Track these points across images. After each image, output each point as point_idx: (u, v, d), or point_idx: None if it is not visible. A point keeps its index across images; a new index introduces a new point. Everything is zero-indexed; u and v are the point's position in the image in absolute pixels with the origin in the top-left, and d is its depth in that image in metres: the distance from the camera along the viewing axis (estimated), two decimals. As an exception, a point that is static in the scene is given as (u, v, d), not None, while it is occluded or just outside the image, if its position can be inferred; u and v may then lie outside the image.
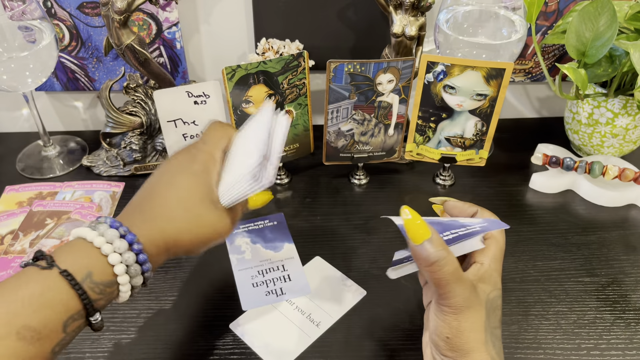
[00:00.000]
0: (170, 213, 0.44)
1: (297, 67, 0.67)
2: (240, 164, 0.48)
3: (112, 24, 0.66)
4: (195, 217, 0.45)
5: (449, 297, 0.41)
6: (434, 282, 0.41)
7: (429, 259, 0.40)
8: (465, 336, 0.42)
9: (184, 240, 0.44)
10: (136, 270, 0.41)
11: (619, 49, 0.70)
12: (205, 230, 0.45)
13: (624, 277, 0.63)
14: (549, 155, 0.74)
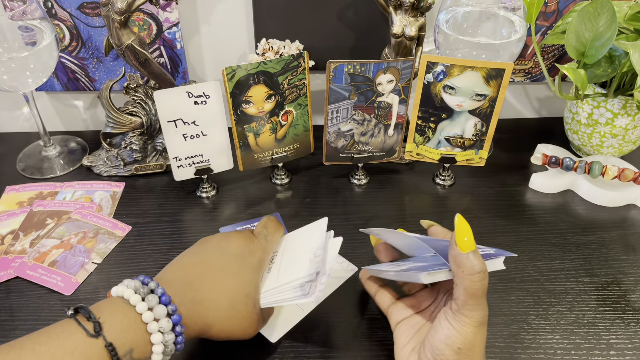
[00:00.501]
0: (217, 301, 0.46)
1: (297, 67, 0.67)
2: (289, 272, 0.49)
3: (112, 24, 0.66)
4: (236, 311, 0.46)
5: (476, 310, 0.43)
6: (467, 291, 0.42)
7: (474, 269, 0.42)
8: (475, 350, 0.43)
9: (216, 329, 0.46)
10: (172, 350, 0.42)
11: (619, 49, 0.70)
12: (237, 326, 0.47)
13: (624, 277, 0.63)
14: (549, 156, 0.74)
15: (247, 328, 0.48)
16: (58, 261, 0.64)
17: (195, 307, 0.44)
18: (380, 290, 0.55)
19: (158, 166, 0.77)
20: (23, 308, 0.60)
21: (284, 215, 0.71)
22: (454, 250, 0.43)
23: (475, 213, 0.72)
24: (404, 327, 0.50)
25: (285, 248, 0.53)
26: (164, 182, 0.77)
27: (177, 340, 0.42)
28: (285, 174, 0.77)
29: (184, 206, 0.73)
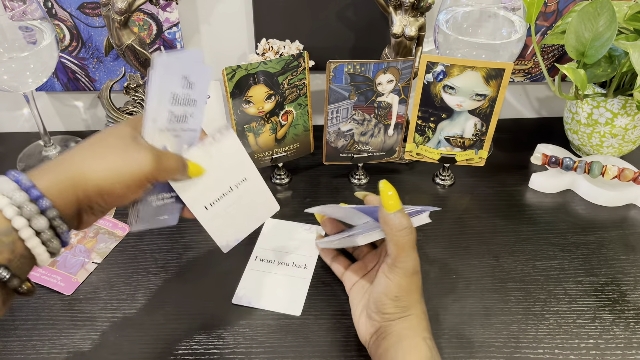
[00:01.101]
0: (75, 155, 0.40)
1: (297, 67, 0.67)
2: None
3: (112, 25, 0.66)
4: (103, 149, 0.40)
5: (406, 261, 0.48)
6: (397, 246, 0.48)
7: (401, 225, 0.48)
8: (412, 296, 0.50)
9: (92, 174, 0.39)
10: (31, 210, 0.36)
11: (618, 49, 0.70)
12: (115, 161, 0.40)
13: (623, 277, 0.63)
14: (549, 155, 0.74)
15: (135, 160, 0.41)
16: (58, 261, 0.64)
17: (50, 173, 0.38)
18: (334, 260, 0.61)
19: (158, 166, 0.77)
20: (23, 308, 0.60)
21: (284, 215, 0.71)
22: (382, 212, 0.49)
23: (475, 213, 0.72)
24: (356, 290, 0.56)
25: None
26: (164, 182, 0.76)
27: (32, 195, 0.36)
28: (285, 174, 0.77)
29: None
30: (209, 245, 0.67)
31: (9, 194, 0.36)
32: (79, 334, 0.57)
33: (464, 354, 0.55)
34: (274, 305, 0.60)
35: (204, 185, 0.50)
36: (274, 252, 0.66)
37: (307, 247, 0.66)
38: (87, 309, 0.59)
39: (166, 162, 0.43)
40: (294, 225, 0.69)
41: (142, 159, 0.41)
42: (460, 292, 0.61)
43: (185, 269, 0.64)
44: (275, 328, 0.58)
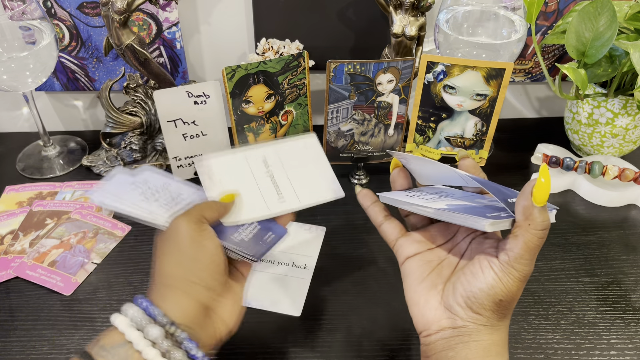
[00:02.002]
0: (172, 271, 0.43)
1: (297, 67, 0.67)
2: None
3: (112, 24, 0.66)
4: (190, 253, 0.44)
5: (528, 265, 0.40)
6: (528, 246, 0.40)
7: (544, 224, 0.39)
8: (513, 304, 0.42)
9: (195, 282, 0.43)
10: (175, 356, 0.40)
11: (619, 49, 0.70)
12: (202, 261, 0.44)
13: (624, 277, 0.63)
14: (549, 155, 0.74)
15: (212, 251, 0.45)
16: (58, 261, 0.64)
17: (169, 296, 0.42)
18: (386, 221, 0.49)
19: (158, 166, 0.77)
20: (23, 308, 0.60)
21: (284, 215, 0.71)
22: (526, 201, 0.40)
23: (475, 213, 0.72)
24: (418, 262, 0.46)
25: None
26: (164, 182, 0.76)
27: (179, 337, 0.40)
28: (285, 174, 0.77)
29: (184, 206, 0.73)
30: (208, 246, 0.67)
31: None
32: (79, 334, 0.57)
33: (465, 355, 0.55)
34: (273, 305, 0.60)
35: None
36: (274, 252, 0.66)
37: (307, 247, 0.66)
38: (86, 309, 0.59)
39: (212, 216, 0.47)
40: (294, 225, 0.69)
41: (210, 243, 0.45)
42: (460, 293, 0.61)
43: (185, 269, 0.64)
44: (275, 328, 0.57)
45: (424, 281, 0.45)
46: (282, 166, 0.55)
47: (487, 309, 0.41)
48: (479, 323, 0.41)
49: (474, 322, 0.41)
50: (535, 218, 0.39)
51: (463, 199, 0.46)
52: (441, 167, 0.47)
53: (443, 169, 0.47)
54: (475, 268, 0.42)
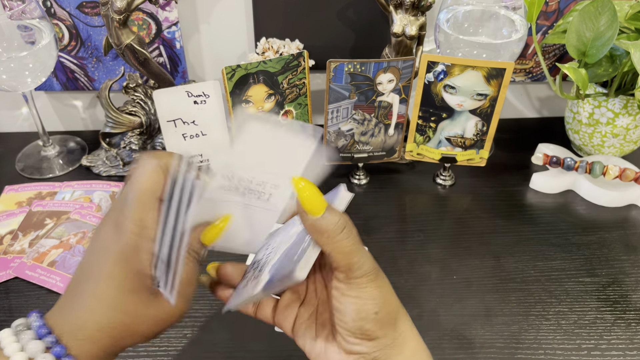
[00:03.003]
0: (94, 317, 0.34)
1: (297, 66, 0.67)
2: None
3: (111, 24, 0.66)
4: (129, 316, 0.35)
5: (361, 266, 0.36)
6: (344, 253, 0.35)
7: (338, 227, 0.35)
8: (391, 302, 0.38)
9: (126, 342, 0.36)
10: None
11: (620, 49, 0.70)
12: (147, 326, 0.36)
13: (625, 277, 0.63)
14: (550, 155, 0.74)
15: (165, 318, 0.37)
16: (57, 261, 0.64)
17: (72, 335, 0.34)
18: (257, 306, 0.44)
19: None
20: (22, 308, 0.59)
21: (284, 215, 0.71)
22: (309, 219, 0.35)
23: (475, 213, 0.72)
24: (301, 325, 0.41)
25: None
26: (164, 182, 0.76)
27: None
28: (285, 174, 0.77)
29: (184, 206, 0.72)
30: (208, 246, 0.67)
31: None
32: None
33: (465, 355, 0.55)
34: None
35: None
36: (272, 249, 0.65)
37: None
38: (86, 310, 0.59)
39: (190, 295, 0.38)
40: None
41: (176, 315, 0.38)
42: (461, 293, 0.61)
43: (185, 269, 0.64)
44: (275, 329, 0.57)
45: (317, 339, 0.40)
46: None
47: (377, 329, 0.37)
48: (384, 345, 0.37)
49: (380, 348, 0.37)
50: (324, 227, 0.35)
51: (280, 248, 0.40)
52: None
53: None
54: (335, 305, 0.37)
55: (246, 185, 0.38)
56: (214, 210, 0.39)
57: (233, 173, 0.38)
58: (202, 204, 0.37)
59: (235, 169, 0.38)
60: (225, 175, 0.38)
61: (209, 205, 0.38)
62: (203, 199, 0.37)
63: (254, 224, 0.40)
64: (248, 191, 0.38)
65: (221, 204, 0.39)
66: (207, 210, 0.39)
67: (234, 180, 0.38)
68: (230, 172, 0.38)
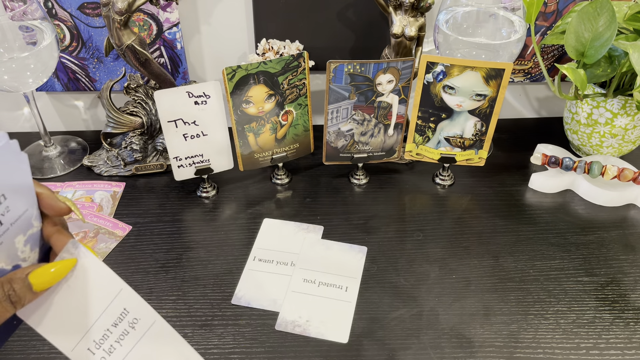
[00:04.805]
0: None
1: (297, 67, 0.67)
2: None
3: (112, 25, 0.66)
4: None
5: None
6: None
7: None
8: None
9: None
10: None
11: (618, 50, 0.70)
12: None
13: (623, 277, 0.63)
14: (548, 155, 0.74)
15: None
16: (58, 261, 0.64)
17: None
18: None
19: (158, 166, 0.78)
20: (24, 308, 0.60)
21: (284, 215, 0.71)
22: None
23: (475, 213, 0.72)
24: None
25: None
26: (165, 182, 0.77)
27: None
28: (285, 174, 0.77)
29: (184, 206, 0.73)
30: (208, 246, 0.67)
31: None
32: (79, 334, 0.57)
33: (464, 354, 0.55)
34: (273, 305, 0.60)
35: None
36: (272, 252, 0.66)
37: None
38: (87, 309, 0.59)
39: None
40: (293, 225, 0.69)
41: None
42: (460, 292, 0.61)
43: (185, 269, 0.64)
44: (275, 328, 0.58)
45: None
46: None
47: None
48: None
49: None
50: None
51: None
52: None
53: None
54: None
55: (111, 340, 0.37)
56: None
57: (88, 343, 0.37)
58: None
59: (84, 341, 0.37)
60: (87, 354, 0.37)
61: None
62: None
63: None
64: (120, 338, 0.37)
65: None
66: None
67: (99, 348, 0.37)
68: (87, 346, 0.37)
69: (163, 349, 0.38)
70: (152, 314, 0.38)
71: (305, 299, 0.60)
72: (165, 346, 0.38)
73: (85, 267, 0.36)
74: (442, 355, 0.55)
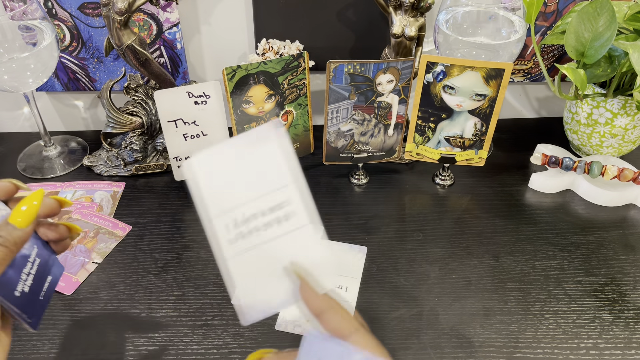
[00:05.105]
0: None
1: (297, 67, 0.67)
2: None
3: (112, 25, 0.66)
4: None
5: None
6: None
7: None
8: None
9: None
10: None
11: (618, 50, 0.70)
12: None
13: (623, 277, 0.63)
14: (548, 155, 0.74)
15: None
16: (58, 261, 0.64)
17: None
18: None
19: (158, 166, 0.78)
20: (24, 308, 0.60)
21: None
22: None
23: (475, 213, 0.72)
24: None
25: None
26: (165, 182, 0.77)
27: None
28: (286, 174, 0.77)
29: (185, 206, 0.73)
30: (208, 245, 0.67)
31: None
32: (80, 334, 0.57)
33: (464, 354, 0.55)
34: None
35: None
36: None
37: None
38: (87, 309, 0.59)
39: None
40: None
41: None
42: (460, 292, 0.61)
43: (185, 269, 0.64)
44: (275, 328, 0.58)
45: None
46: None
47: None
48: None
49: None
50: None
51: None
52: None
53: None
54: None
55: (254, 225, 0.36)
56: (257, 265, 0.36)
57: (231, 220, 0.36)
58: (236, 271, 0.35)
59: (230, 215, 0.36)
60: (225, 227, 0.36)
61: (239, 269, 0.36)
62: (229, 269, 0.35)
63: (287, 258, 0.37)
64: (263, 227, 0.36)
65: (246, 258, 0.36)
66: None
67: (238, 227, 0.36)
68: (229, 221, 0.36)
69: (302, 252, 0.36)
70: (307, 217, 0.36)
71: None
72: (305, 251, 0.36)
73: (271, 149, 0.36)
74: (442, 355, 0.55)
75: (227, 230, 0.37)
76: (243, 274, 0.36)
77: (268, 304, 0.37)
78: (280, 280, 0.36)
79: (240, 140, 0.36)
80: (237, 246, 0.36)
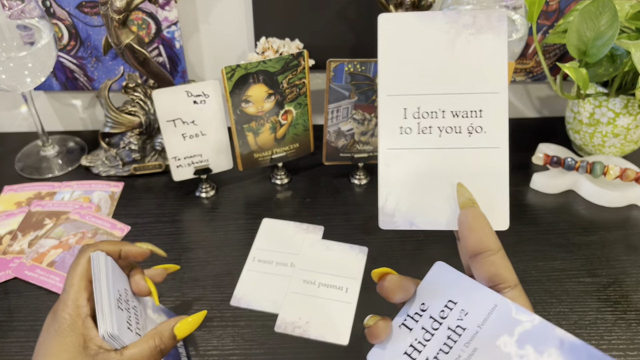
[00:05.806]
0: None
1: (297, 66, 0.67)
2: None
3: (111, 24, 0.66)
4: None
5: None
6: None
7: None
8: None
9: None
10: None
11: (620, 49, 0.70)
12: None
13: (625, 278, 0.63)
14: (550, 155, 0.74)
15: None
16: (57, 262, 0.64)
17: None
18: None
19: (157, 166, 0.77)
20: (22, 309, 0.59)
21: (283, 215, 0.70)
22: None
23: (476, 213, 0.72)
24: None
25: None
26: (163, 182, 0.76)
27: None
28: (285, 174, 0.76)
29: (183, 206, 0.72)
30: (207, 246, 0.67)
31: None
32: (77, 336, 0.56)
33: (465, 356, 0.55)
34: (273, 306, 0.59)
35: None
36: (271, 252, 0.65)
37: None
38: (85, 310, 0.59)
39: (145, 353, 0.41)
40: (293, 225, 0.69)
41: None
42: (461, 293, 0.61)
43: (184, 269, 0.64)
44: (274, 329, 0.57)
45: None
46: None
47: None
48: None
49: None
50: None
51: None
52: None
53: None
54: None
55: (438, 123, 0.30)
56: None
57: (414, 105, 0.30)
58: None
59: (413, 100, 0.30)
60: (402, 111, 0.30)
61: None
62: (385, 163, 0.30)
63: (461, 177, 0.32)
64: (447, 128, 0.30)
65: (409, 156, 0.31)
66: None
67: (416, 118, 0.30)
68: (409, 105, 0.30)
69: (481, 177, 0.32)
70: (504, 139, 0.30)
71: (305, 300, 0.60)
72: (486, 178, 0.32)
73: (496, 43, 0.30)
74: (443, 357, 0.55)
75: (402, 115, 0.31)
76: (401, 173, 0.31)
77: (416, 216, 0.32)
78: (440, 195, 0.32)
79: (453, 16, 0.29)
80: (405, 140, 0.31)
